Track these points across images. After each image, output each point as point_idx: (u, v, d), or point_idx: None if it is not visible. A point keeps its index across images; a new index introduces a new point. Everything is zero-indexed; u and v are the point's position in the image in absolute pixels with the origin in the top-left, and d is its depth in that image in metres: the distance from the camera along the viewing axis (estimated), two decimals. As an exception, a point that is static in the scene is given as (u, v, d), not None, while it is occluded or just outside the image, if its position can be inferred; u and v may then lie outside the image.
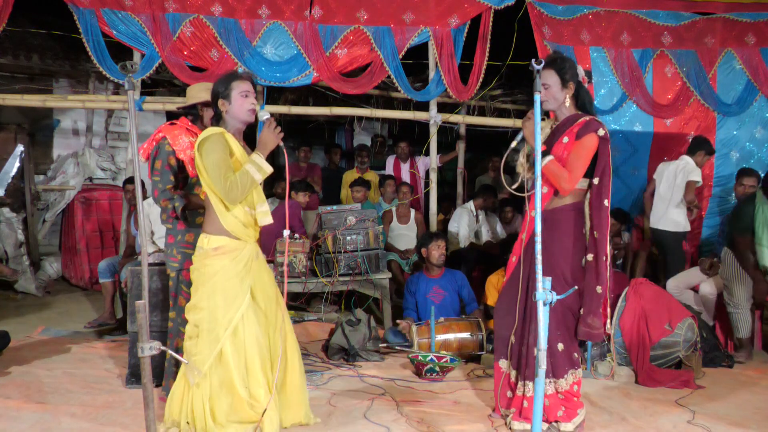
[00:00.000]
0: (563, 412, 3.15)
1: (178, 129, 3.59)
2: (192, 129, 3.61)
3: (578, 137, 3.08)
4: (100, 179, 7.42)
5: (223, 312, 2.82)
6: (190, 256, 3.16)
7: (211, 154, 2.79)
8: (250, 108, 2.91)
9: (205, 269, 2.86)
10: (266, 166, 2.84)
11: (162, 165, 3.50)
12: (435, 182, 6.24)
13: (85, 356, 4.39)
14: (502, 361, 3.30)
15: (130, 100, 2.30)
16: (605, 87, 6.08)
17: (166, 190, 3.49)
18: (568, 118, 3.17)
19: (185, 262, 3.37)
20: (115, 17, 5.64)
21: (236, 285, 2.84)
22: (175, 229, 3.52)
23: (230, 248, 2.86)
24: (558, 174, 3.07)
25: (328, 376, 4.02)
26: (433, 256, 4.93)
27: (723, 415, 3.50)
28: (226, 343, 2.81)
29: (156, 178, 3.51)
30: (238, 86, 2.91)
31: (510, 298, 3.26)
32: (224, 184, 2.78)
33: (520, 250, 3.25)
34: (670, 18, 6.09)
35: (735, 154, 6.07)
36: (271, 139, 2.89)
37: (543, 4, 5.94)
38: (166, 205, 3.49)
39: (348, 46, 5.94)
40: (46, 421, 3.19)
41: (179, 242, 3.50)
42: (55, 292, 6.60)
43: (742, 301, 4.58)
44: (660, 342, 4.09)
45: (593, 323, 3.11)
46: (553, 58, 3.15)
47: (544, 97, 3.12)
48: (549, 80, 3.11)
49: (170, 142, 3.52)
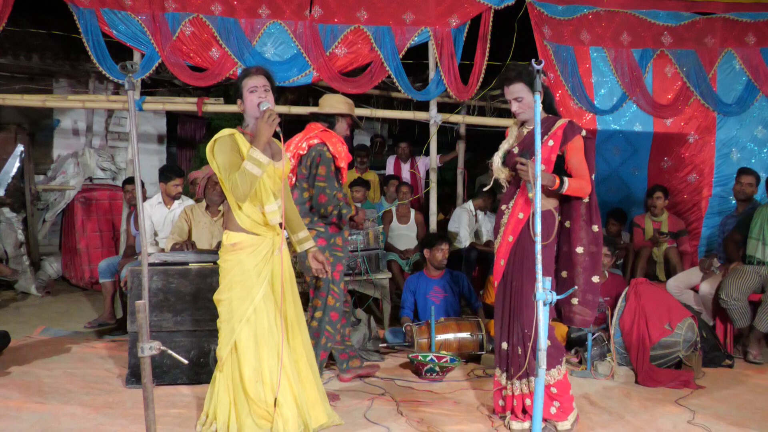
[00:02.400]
0: (557, 409, 3.16)
1: (333, 136, 3.72)
2: (338, 137, 3.76)
3: (566, 141, 3.15)
4: (100, 179, 7.42)
5: (238, 303, 2.87)
6: (341, 258, 3.67)
7: (219, 156, 2.85)
8: (257, 103, 2.93)
9: (225, 264, 2.93)
10: (263, 158, 2.82)
11: (327, 171, 3.64)
12: (435, 182, 6.24)
13: (85, 356, 4.39)
14: (497, 369, 3.32)
15: (130, 100, 2.29)
16: (605, 87, 6.08)
17: (334, 196, 3.64)
18: (543, 122, 3.17)
19: (337, 264, 3.67)
20: (115, 17, 5.64)
21: (252, 277, 2.89)
22: (327, 233, 3.71)
23: (247, 244, 2.91)
24: (580, 188, 3.14)
25: (328, 376, 4.02)
26: (436, 258, 4.93)
27: (723, 415, 3.50)
28: (241, 334, 2.86)
29: (322, 184, 3.63)
30: (246, 83, 2.95)
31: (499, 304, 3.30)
32: (228, 184, 2.83)
33: (506, 253, 3.25)
34: (670, 18, 6.08)
35: (736, 154, 6.06)
36: (264, 129, 2.83)
37: (543, 4, 5.93)
38: (331, 211, 3.63)
39: (348, 46, 5.94)
40: (46, 421, 3.19)
41: (331, 245, 3.70)
42: (55, 292, 6.60)
43: (735, 293, 4.61)
44: (660, 342, 4.09)
45: (585, 312, 3.21)
46: (518, 71, 3.18)
47: (520, 109, 3.21)
48: (521, 93, 3.17)
49: (331, 150, 3.65)
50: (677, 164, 6.13)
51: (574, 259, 3.20)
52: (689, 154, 6.11)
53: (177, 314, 3.81)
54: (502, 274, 3.28)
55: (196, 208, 4.87)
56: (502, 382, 3.27)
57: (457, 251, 5.97)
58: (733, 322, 4.73)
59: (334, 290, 3.69)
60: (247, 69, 3.04)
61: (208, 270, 3.84)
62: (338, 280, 3.68)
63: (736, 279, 4.69)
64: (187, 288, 3.81)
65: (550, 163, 3.15)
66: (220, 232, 4.78)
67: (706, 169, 6.03)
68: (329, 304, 3.69)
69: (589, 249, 3.19)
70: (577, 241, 3.20)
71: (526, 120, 3.26)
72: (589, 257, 3.20)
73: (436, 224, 6.36)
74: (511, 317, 3.20)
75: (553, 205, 3.20)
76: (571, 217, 3.24)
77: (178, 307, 3.81)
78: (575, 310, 3.23)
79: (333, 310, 3.72)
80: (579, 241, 3.19)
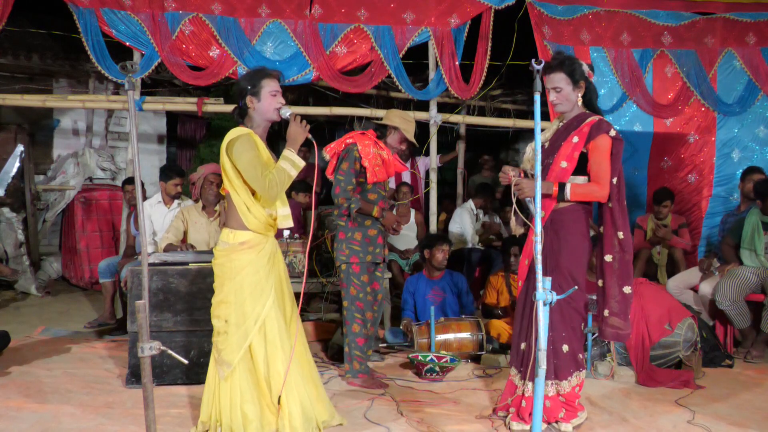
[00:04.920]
0: (564, 413, 3.15)
1: (368, 139, 3.96)
2: (378, 143, 4.00)
3: (590, 138, 3.03)
4: (100, 179, 7.42)
5: (251, 306, 2.83)
6: (358, 252, 3.88)
7: (244, 154, 2.79)
8: (277, 107, 2.92)
9: (233, 264, 2.86)
10: (299, 160, 2.87)
11: (348, 167, 3.87)
12: (435, 182, 6.24)
13: (85, 356, 4.39)
14: (512, 369, 3.29)
15: (130, 100, 2.29)
16: (605, 87, 6.08)
17: (347, 190, 3.86)
18: (576, 117, 3.13)
19: (352, 257, 3.89)
20: (114, 17, 5.64)
21: (263, 279, 2.87)
22: (347, 226, 3.93)
23: (255, 242, 2.88)
24: (587, 192, 3.05)
25: (328, 376, 4.02)
26: (436, 258, 4.92)
27: (723, 415, 3.50)
28: (254, 337, 2.83)
29: (340, 177, 3.88)
30: (268, 84, 2.91)
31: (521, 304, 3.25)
32: (263, 182, 2.78)
33: (530, 253, 3.20)
34: (670, 18, 6.08)
35: (737, 153, 6.05)
36: (300, 132, 2.90)
37: (543, 4, 5.93)
38: (342, 203, 3.87)
39: (348, 45, 5.93)
40: (46, 421, 3.19)
41: (349, 239, 3.92)
42: (55, 292, 6.60)
43: (730, 295, 4.62)
44: (660, 342, 4.09)
45: (618, 324, 3.11)
46: (560, 59, 3.09)
47: (557, 100, 3.10)
48: (560, 83, 3.07)
49: (359, 149, 3.87)
50: (677, 164, 6.13)
51: (605, 267, 3.14)
52: (689, 154, 6.10)
53: (177, 314, 3.81)
54: (526, 274, 3.23)
55: (192, 209, 4.86)
56: (515, 382, 3.24)
57: (459, 252, 5.97)
58: (732, 323, 4.72)
59: (354, 282, 3.92)
60: (267, 70, 2.99)
61: (207, 270, 3.82)
62: (358, 273, 3.91)
63: (731, 280, 4.68)
64: (187, 288, 3.81)
65: (572, 160, 3.06)
66: (217, 232, 4.78)
67: (706, 169, 6.03)
68: (352, 294, 3.93)
69: (617, 257, 3.09)
70: (606, 249, 3.12)
71: (563, 112, 3.18)
72: (618, 265, 3.10)
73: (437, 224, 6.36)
74: (531, 318, 3.10)
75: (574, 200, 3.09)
76: (602, 223, 3.16)
77: (178, 307, 3.81)
78: (607, 321, 3.14)
79: (357, 300, 3.94)
80: (608, 249, 3.12)
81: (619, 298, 3.11)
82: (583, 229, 3.12)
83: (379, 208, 3.94)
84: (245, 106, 2.94)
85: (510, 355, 3.38)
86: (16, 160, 6.25)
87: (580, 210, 3.11)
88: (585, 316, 3.20)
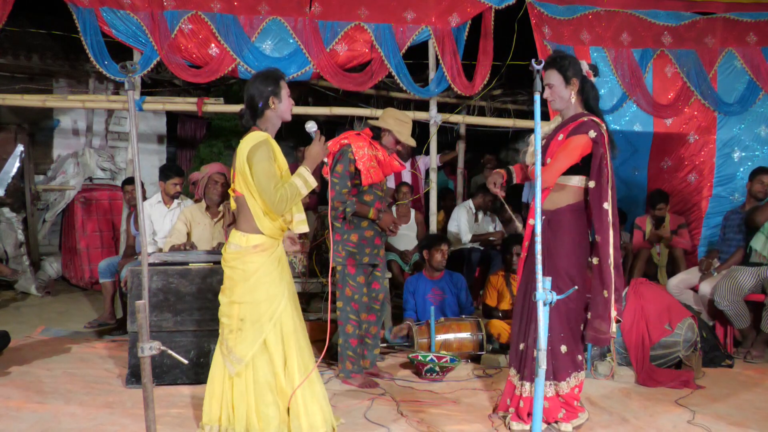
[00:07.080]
0: (564, 414, 3.15)
1: (362, 140, 3.94)
2: (374, 143, 3.99)
3: (570, 136, 3.06)
4: (100, 179, 7.42)
5: (266, 306, 2.85)
6: (354, 254, 3.88)
7: (262, 162, 2.79)
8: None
9: (246, 266, 2.86)
10: (312, 180, 2.89)
11: (343, 170, 3.85)
12: (435, 182, 6.24)
13: (85, 356, 4.39)
14: (512, 369, 3.29)
15: (130, 100, 2.29)
16: (605, 87, 6.07)
17: (342, 193, 3.84)
18: (571, 117, 3.14)
19: (348, 259, 3.89)
20: (114, 16, 5.63)
21: (276, 280, 2.88)
22: (343, 229, 3.91)
23: (268, 245, 2.89)
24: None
25: (328, 376, 4.02)
26: (435, 259, 4.92)
27: (723, 415, 3.50)
28: (270, 334, 2.84)
29: (335, 179, 3.86)
30: (285, 86, 2.96)
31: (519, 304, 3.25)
32: (274, 196, 2.78)
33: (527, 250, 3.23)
34: (670, 18, 6.08)
35: (737, 153, 6.04)
36: (320, 153, 2.95)
37: (543, 4, 5.93)
38: (338, 206, 3.84)
39: (348, 43, 5.91)
40: (46, 421, 3.19)
41: (345, 241, 3.91)
42: (55, 292, 6.60)
43: (728, 295, 4.62)
44: (660, 342, 4.09)
45: (600, 327, 3.11)
46: (553, 57, 3.14)
47: (550, 96, 3.13)
48: (552, 80, 3.11)
49: (353, 151, 3.85)
50: (677, 164, 6.13)
51: (592, 269, 3.14)
52: (689, 154, 6.09)
53: (177, 314, 3.81)
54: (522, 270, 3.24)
55: (195, 210, 4.84)
56: (514, 383, 3.24)
57: (459, 252, 5.97)
58: (732, 323, 4.72)
59: (350, 283, 3.92)
60: (279, 71, 2.99)
61: (208, 270, 3.84)
62: (353, 274, 3.92)
63: (729, 281, 4.68)
64: (187, 288, 3.81)
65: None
66: (221, 232, 4.78)
67: (706, 169, 6.02)
68: (347, 295, 3.93)
69: (602, 260, 3.07)
70: (593, 252, 3.13)
71: (558, 109, 3.19)
72: (596, 270, 3.11)
73: (437, 224, 6.36)
74: (530, 318, 3.12)
75: (569, 201, 3.11)
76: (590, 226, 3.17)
77: (178, 307, 3.81)
78: (591, 324, 3.14)
79: (353, 301, 3.93)
80: (594, 252, 3.13)
81: (599, 300, 3.10)
82: (578, 229, 3.13)
83: (375, 210, 3.93)
84: (266, 106, 2.91)
85: (509, 356, 3.38)
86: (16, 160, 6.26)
87: (572, 211, 3.13)
88: (585, 317, 3.19)
